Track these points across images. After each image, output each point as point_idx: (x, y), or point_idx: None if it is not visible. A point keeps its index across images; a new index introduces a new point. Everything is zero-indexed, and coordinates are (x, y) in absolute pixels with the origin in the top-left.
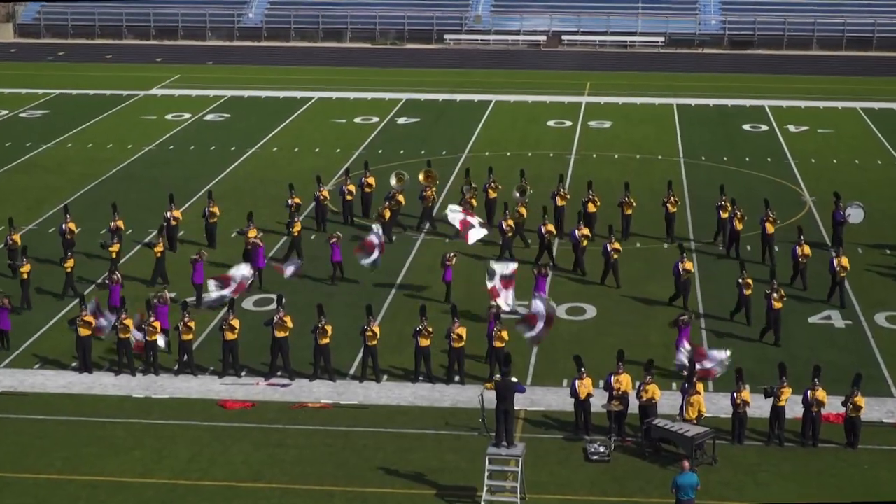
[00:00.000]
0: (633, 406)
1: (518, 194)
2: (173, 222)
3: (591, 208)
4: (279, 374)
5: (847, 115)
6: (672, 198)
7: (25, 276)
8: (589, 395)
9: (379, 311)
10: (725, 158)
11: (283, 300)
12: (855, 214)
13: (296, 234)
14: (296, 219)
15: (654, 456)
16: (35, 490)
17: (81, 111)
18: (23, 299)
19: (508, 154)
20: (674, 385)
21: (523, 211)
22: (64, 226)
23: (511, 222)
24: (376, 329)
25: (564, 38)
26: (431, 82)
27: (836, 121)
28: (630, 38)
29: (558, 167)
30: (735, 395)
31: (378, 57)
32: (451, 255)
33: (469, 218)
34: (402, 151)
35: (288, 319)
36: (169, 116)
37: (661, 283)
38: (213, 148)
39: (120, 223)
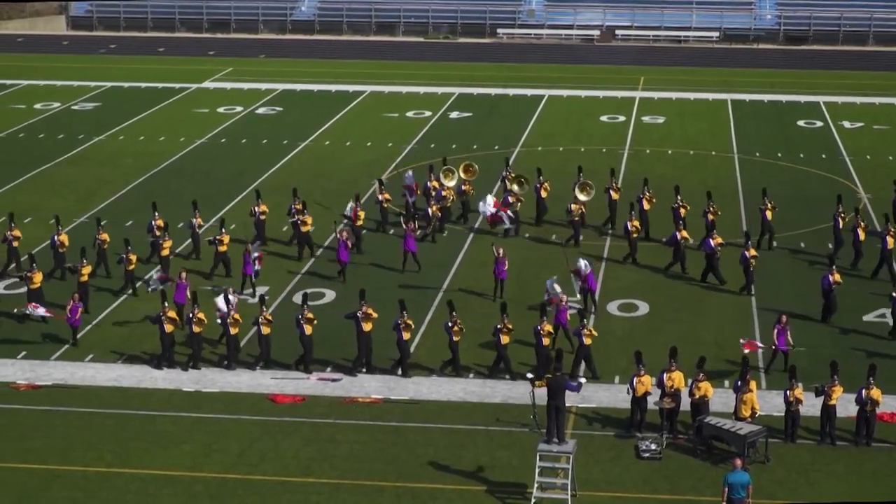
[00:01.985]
0: (686, 403)
1: (516, 187)
2: (61, 249)
3: (646, 206)
4: (363, 369)
5: None
6: (615, 185)
7: (86, 277)
8: (646, 393)
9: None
10: (780, 155)
11: (364, 294)
12: None
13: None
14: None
15: (705, 454)
16: (84, 483)
17: (133, 104)
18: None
19: (561, 149)
20: (726, 383)
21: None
22: (9, 234)
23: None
24: (410, 322)
25: (618, 32)
26: (484, 76)
27: (892, 117)
28: (684, 32)
29: (611, 162)
30: (788, 392)
31: (431, 51)
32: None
33: (501, 212)
34: (454, 146)
35: (372, 311)
36: (221, 109)
37: (714, 279)
38: (264, 141)
39: (160, 222)
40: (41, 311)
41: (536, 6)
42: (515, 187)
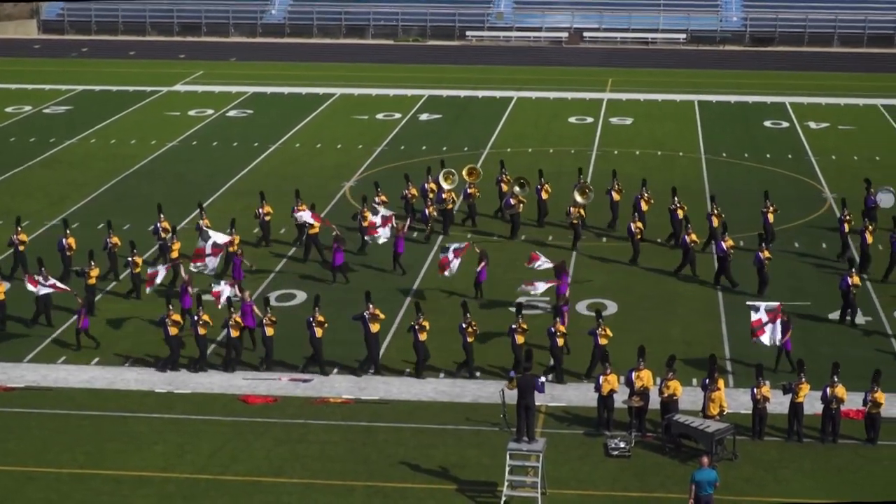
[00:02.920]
0: (654, 402)
1: (518, 189)
2: (68, 252)
3: (644, 206)
4: (371, 371)
5: (868, 111)
6: (617, 186)
7: (94, 280)
8: (612, 391)
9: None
10: (746, 155)
11: (370, 296)
12: (885, 199)
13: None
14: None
15: (674, 451)
16: (58, 485)
17: (105, 107)
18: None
19: (530, 150)
20: (694, 381)
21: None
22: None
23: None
24: (425, 323)
25: (586, 34)
26: (453, 79)
27: (857, 117)
28: (651, 34)
29: (580, 163)
30: (755, 390)
31: (400, 53)
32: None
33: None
34: (424, 147)
35: (379, 313)
36: (192, 112)
37: (683, 279)
38: (235, 144)
39: (165, 224)
40: (41, 289)
41: (505, 9)
42: (517, 189)
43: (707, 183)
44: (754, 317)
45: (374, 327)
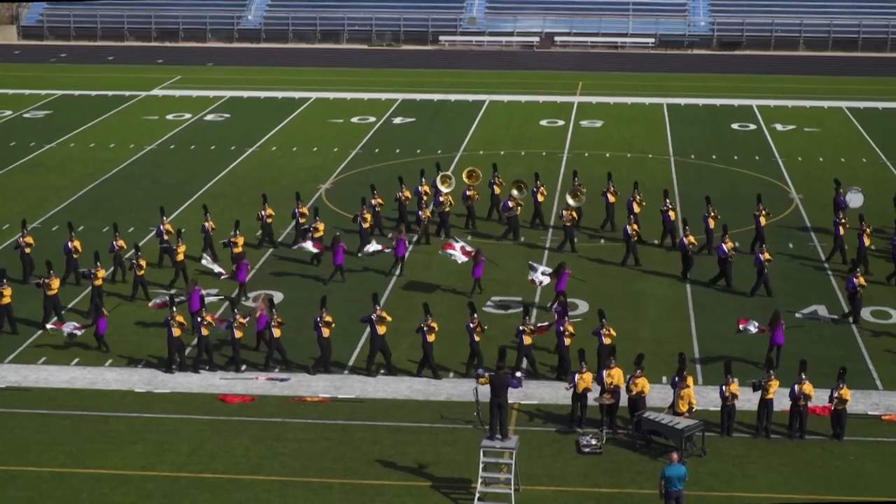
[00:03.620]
0: (625, 399)
1: (515, 192)
2: (74, 255)
3: (636, 208)
4: (383, 372)
5: (833, 114)
6: (612, 188)
7: (100, 281)
8: (586, 389)
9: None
10: (714, 157)
11: (378, 298)
12: (854, 199)
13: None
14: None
15: (644, 448)
16: (38, 483)
17: (84, 112)
18: (94, 307)
19: (502, 153)
20: (664, 379)
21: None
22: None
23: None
24: (434, 325)
25: (557, 39)
26: (427, 83)
27: (822, 120)
28: (621, 39)
29: (551, 165)
30: (724, 388)
31: (374, 58)
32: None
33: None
34: (398, 151)
35: (386, 315)
36: (170, 117)
37: (651, 280)
38: (213, 147)
39: (168, 227)
40: (69, 327)
41: (477, 14)
42: (514, 192)
43: (676, 184)
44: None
45: (381, 329)
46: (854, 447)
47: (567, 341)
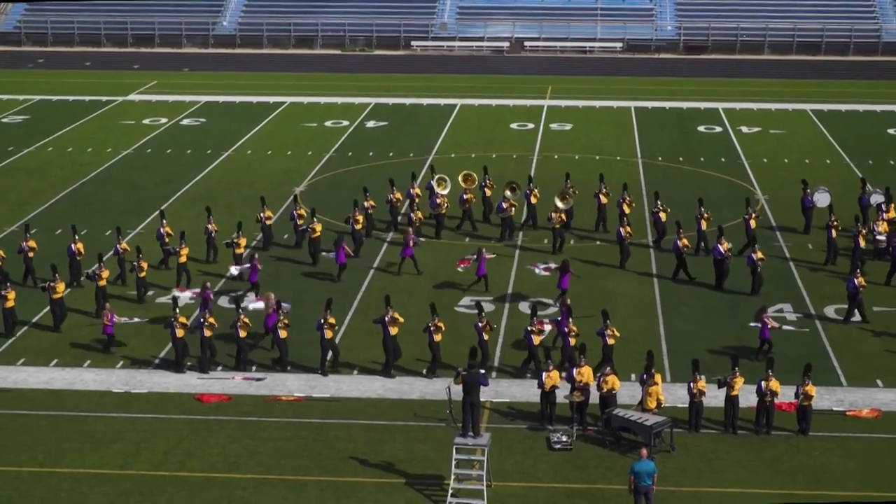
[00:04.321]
0: (594, 397)
1: (509, 193)
2: (77, 257)
3: (627, 210)
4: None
5: (797, 116)
6: (604, 189)
7: (104, 282)
8: (554, 387)
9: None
10: (681, 159)
11: (390, 301)
12: (822, 199)
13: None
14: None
15: (614, 444)
16: (17, 483)
17: (61, 116)
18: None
19: (473, 156)
20: (633, 376)
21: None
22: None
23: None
24: (441, 324)
25: (527, 44)
26: (399, 87)
27: (787, 122)
28: (589, 43)
29: (521, 168)
30: (691, 385)
31: (347, 63)
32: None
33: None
34: (371, 154)
35: (398, 316)
36: (146, 121)
37: (620, 278)
38: (189, 151)
39: (168, 229)
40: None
41: (449, 19)
42: (508, 193)
43: (644, 186)
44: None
45: (394, 330)
46: (819, 442)
47: (572, 341)
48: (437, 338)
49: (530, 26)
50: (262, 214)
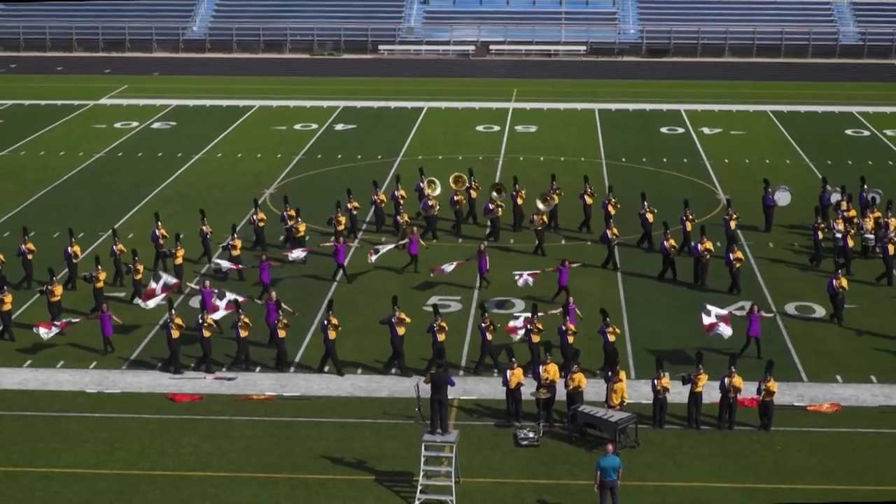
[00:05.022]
0: (561, 394)
1: (495, 194)
2: (74, 259)
3: (612, 210)
4: (395, 369)
5: (758, 117)
6: (589, 190)
7: (101, 283)
8: (519, 384)
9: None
10: (644, 160)
11: (397, 300)
12: (782, 198)
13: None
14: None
15: (580, 440)
16: None
17: (34, 120)
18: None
19: (440, 158)
20: (598, 373)
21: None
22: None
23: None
24: (444, 325)
25: (492, 47)
26: (367, 90)
27: (748, 123)
28: (554, 47)
29: (487, 169)
30: (655, 382)
31: (316, 67)
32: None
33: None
34: (339, 156)
35: (406, 317)
36: (118, 125)
37: (585, 278)
38: (160, 154)
39: (163, 231)
40: (53, 331)
41: (415, 24)
42: (494, 194)
43: (607, 187)
44: (706, 320)
45: (401, 330)
46: (781, 437)
47: (570, 339)
48: (441, 337)
49: (495, 30)
50: (254, 216)
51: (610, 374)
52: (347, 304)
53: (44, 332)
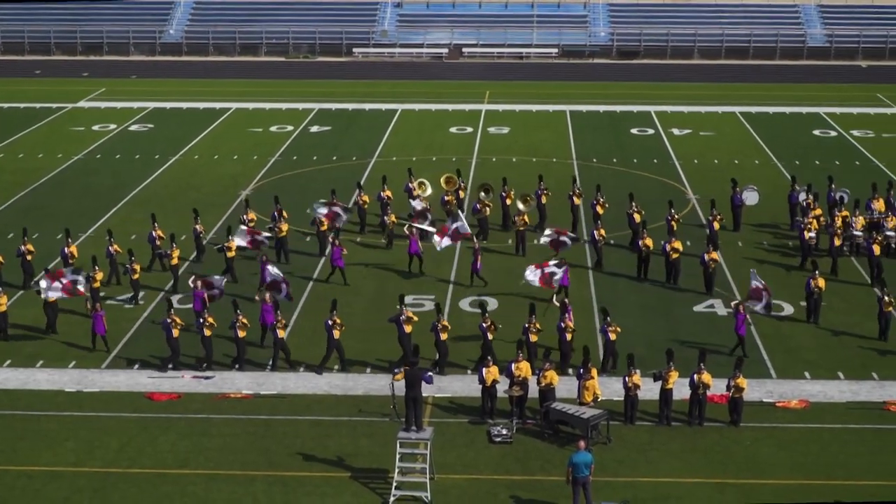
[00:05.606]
0: (533, 391)
1: (483, 194)
2: (70, 260)
3: (600, 210)
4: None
5: (726, 118)
6: (577, 190)
7: (98, 283)
8: (495, 382)
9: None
10: (615, 160)
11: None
12: (750, 197)
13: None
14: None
15: (552, 437)
16: None
17: (13, 123)
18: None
19: (414, 159)
20: (570, 371)
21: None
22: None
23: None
24: (446, 323)
25: (465, 50)
26: (341, 93)
27: (717, 124)
28: (526, 49)
29: (462, 170)
30: (627, 379)
31: (291, 70)
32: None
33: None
34: (315, 158)
35: (413, 315)
36: (96, 127)
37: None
38: (137, 156)
39: (160, 232)
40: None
41: (389, 27)
42: (482, 194)
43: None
44: (754, 283)
45: (408, 328)
46: (750, 433)
47: (568, 336)
48: (444, 336)
49: (468, 33)
50: (245, 216)
51: (582, 371)
52: (324, 304)
53: (44, 284)
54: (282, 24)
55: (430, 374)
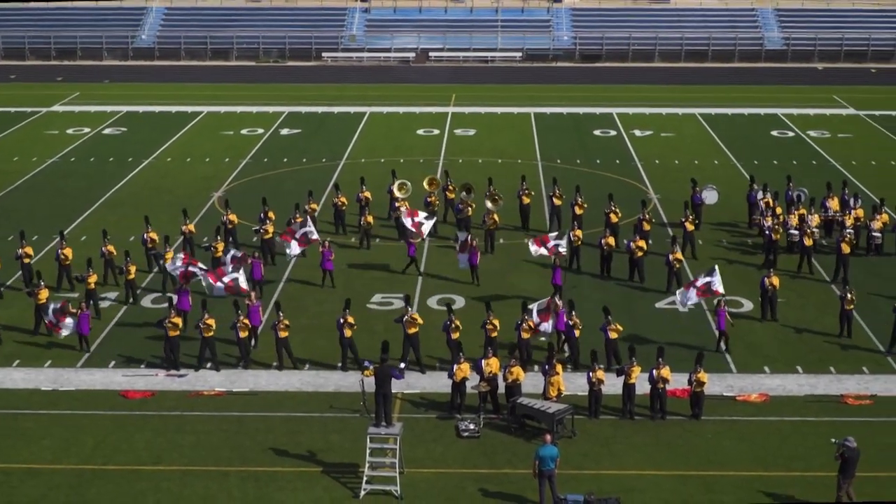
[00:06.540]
0: (501, 387)
1: (465, 194)
2: (65, 262)
3: (578, 211)
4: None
5: (686, 120)
6: (557, 191)
7: (93, 285)
8: (464, 378)
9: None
10: (579, 161)
11: (405, 299)
12: (710, 196)
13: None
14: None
15: (519, 431)
16: None
17: None
18: (93, 307)
19: (382, 160)
20: (535, 367)
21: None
22: (20, 251)
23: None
24: (458, 323)
25: (431, 54)
26: (311, 96)
27: (677, 125)
28: (490, 53)
29: (428, 171)
30: (590, 374)
31: (262, 74)
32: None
33: (415, 218)
34: (285, 160)
35: (418, 317)
36: (70, 131)
37: (522, 275)
38: (111, 159)
39: (153, 234)
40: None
41: (357, 32)
42: (464, 194)
43: (544, 187)
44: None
45: (411, 329)
46: (711, 426)
47: (577, 332)
48: (455, 335)
49: (434, 38)
50: (225, 217)
51: (547, 367)
52: (295, 304)
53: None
54: (252, 29)
55: (398, 370)
